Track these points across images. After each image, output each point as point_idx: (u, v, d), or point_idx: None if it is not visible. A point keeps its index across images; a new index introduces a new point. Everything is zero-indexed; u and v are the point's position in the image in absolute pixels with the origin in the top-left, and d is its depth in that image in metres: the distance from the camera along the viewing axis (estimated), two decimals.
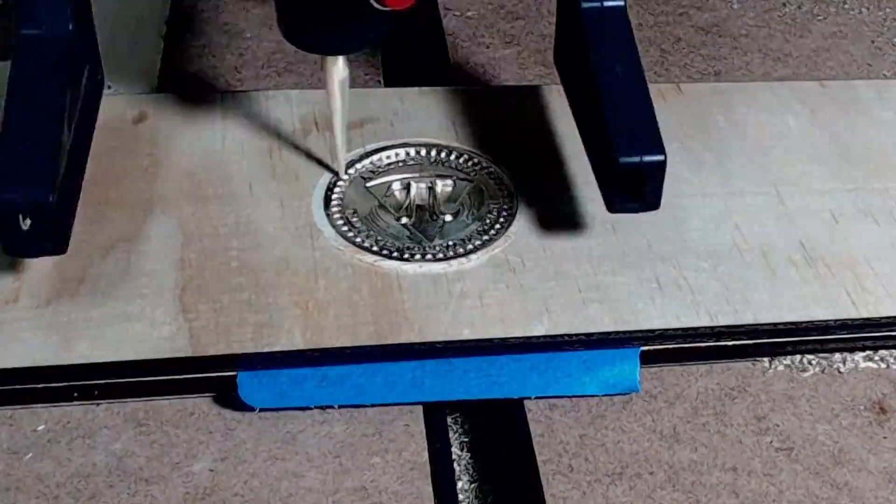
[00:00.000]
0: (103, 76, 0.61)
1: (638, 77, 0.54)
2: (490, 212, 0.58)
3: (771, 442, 0.50)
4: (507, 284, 0.54)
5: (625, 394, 0.51)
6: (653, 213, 0.59)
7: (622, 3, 0.56)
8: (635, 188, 0.53)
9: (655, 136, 0.52)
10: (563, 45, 0.61)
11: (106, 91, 0.62)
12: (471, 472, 0.50)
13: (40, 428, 0.49)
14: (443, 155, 0.62)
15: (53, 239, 0.50)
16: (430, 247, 0.56)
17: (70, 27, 0.54)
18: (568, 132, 0.63)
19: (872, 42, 0.77)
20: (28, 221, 0.48)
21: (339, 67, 0.55)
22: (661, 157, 0.52)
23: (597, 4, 0.56)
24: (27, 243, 0.49)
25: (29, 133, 0.50)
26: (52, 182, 0.49)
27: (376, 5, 0.49)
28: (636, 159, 0.52)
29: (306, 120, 0.64)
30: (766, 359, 0.54)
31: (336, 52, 0.55)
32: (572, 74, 0.60)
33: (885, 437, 0.50)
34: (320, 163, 0.61)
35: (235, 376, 0.50)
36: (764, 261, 0.56)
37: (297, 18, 0.54)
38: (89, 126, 0.58)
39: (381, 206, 0.58)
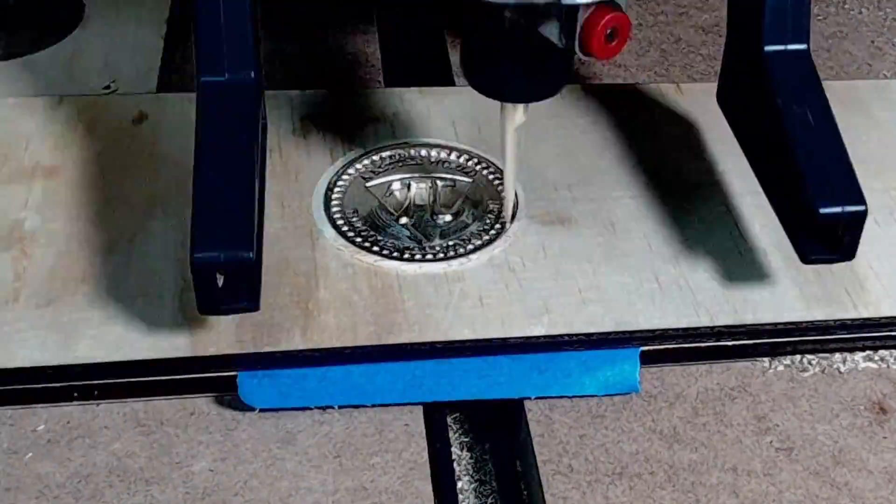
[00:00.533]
0: (267, 119, 0.57)
1: (830, 124, 0.52)
2: (490, 212, 0.58)
3: (771, 442, 0.50)
4: (507, 284, 0.54)
5: (625, 394, 0.51)
6: (653, 213, 0.59)
7: (805, 47, 0.54)
8: (832, 239, 0.51)
9: (854, 186, 0.50)
10: (736, 88, 0.58)
11: (106, 91, 0.62)
12: (471, 472, 0.50)
13: (40, 428, 0.49)
14: (443, 155, 0.62)
15: (248, 296, 0.48)
16: (430, 247, 0.56)
17: (253, 73, 0.51)
18: (568, 131, 0.63)
19: (872, 42, 0.77)
20: (222, 279, 0.46)
21: (518, 114, 0.53)
22: (862, 208, 0.50)
23: (781, 48, 0.53)
24: (222, 300, 0.47)
25: (227, 188, 0.48)
26: (252, 238, 0.47)
27: (581, 55, 0.46)
28: (837, 210, 0.50)
29: (306, 120, 0.64)
30: (766, 359, 0.54)
31: (524, 101, 0.52)
32: (748, 120, 0.57)
33: (885, 437, 0.50)
34: (320, 163, 0.61)
35: (235, 376, 0.50)
36: (764, 261, 0.56)
37: (486, 65, 0.51)
38: (264, 174, 0.54)
39: (381, 206, 0.58)
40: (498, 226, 0.57)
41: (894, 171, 0.63)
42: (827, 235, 0.51)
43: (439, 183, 0.60)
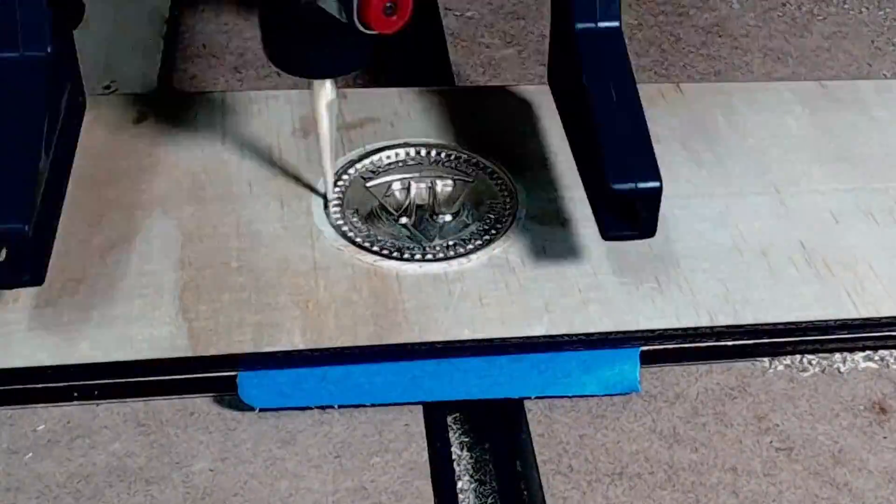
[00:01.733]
0: (85, 97, 0.58)
1: (632, 101, 0.53)
2: (490, 212, 0.58)
3: (771, 442, 0.50)
4: (507, 284, 0.54)
5: (625, 394, 0.51)
6: None
7: (617, 25, 0.54)
8: (630, 215, 0.51)
9: (651, 162, 0.51)
10: (557, 65, 0.59)
11: (106, 91, 0.62)
12: (471, 472, 0.50)
13: (40, 428, 0.49)
14: (443, 155, 0.62)
15: (31, 270, 0.48)
16: (430, 247, 0.56)
17: (48, 49, 0.52)
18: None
19: (872, 42, 0.77)
20: (3, 252, 0.47)
21: (326, 90, 0.54)
22: (656, 184, 0.50)
23: (591, 25, 0.54)
24: (3, 274, 0.47)
25: (4, 162, 0.49)
26: (29, 212, 0.47)
27: (362, 29, 0.47)
28: (630, 185, 0.50)
29: (306, 120, 0.64)
30: (766, 359, 0.54)
31: (323, 76, 0.54)
32: (566, 96, 0.58)
33: (885, 437, 0.50)
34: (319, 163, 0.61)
35: (235, 376, 0.50)
36: (764, 261, 0.56)
37: (283, 43, 0.53)
38: (70, 149, 0.56)
39: (381, 206, 0.58)
40: (499, 225, 0.57)
41: (894, 171, 0.63)
42: (625, 212, 0.51)
43: (439, 183, 0.60)
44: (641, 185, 0.50)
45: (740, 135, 0.65)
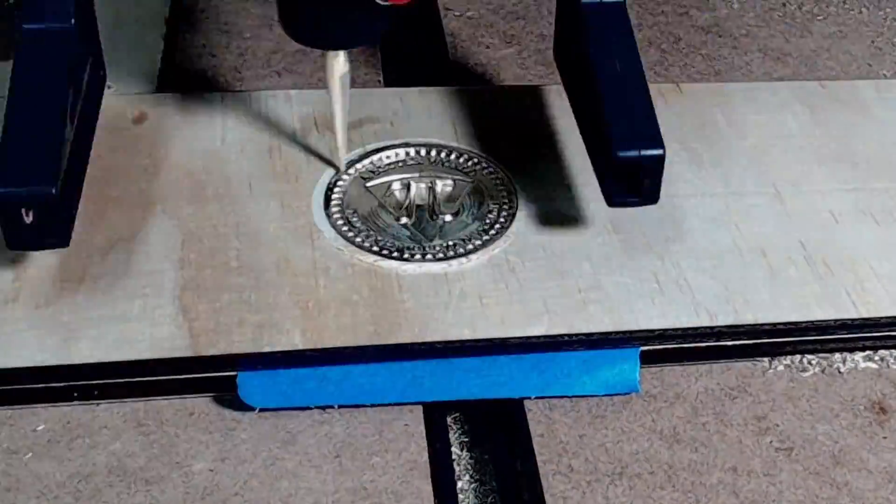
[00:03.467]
0: (105, 71, 0.61)
1: (637, 72, 0.55)
2: (490, 212, 0.58)
3: (771, 442, 0.50)
4: (507, 284, 0.54)
5: (625, 394, 0.51)
6: (653, 212, 0.59)
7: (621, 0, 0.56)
8: (634, 182, 0.53)
9: (654, 130, 0.53)
10: (563, 40, 0.61)
11: (106, 91, 0.62)
12: (471, 472, 0.50)
13: (40, 428, 0.49)
14: (443, 155, 0.62)
15: (57, 232, 0.50)
16: (430, 247, 0.56)
17: (72, 21, 0.54)
18: (568, 132, 0.63)
19: (872, 42, 0.77)
20: (31, 215, 0.48)
21: (339, 62, 0.56)
22: (659, 151, 0.52)
23: (597, 1, 0.56)
24: (30, 237, 0.49)
25: (31, 128, 0.50)
26: (55, 175, 0.49)
27: (379, 1, 0.49)
28: (634, 153, 0.52)
29: (306, 120, 0.64)
30: (766, 359, 0.54)
31: (337, 47, 0.55)
32: (571, 70, 0.60)
33: (885, 437, 0.50)
34: (320, 162, 0.61)
35: (235, 376, 0.50)
36: (764, 261, 0.56)
37: (298, 13, 0.54)
38: (91, 120, 0.58)
39: (381, 206, 0.58)
40: (498, 225, 0.57)
41: (894, 171, 0.63)
42: (629, 179, 0.53)
43: (439, 183, 0.60)
44: (645, 152, 0.52)
45: (740, 135, 0.65)
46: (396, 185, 0.60)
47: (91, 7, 0.58)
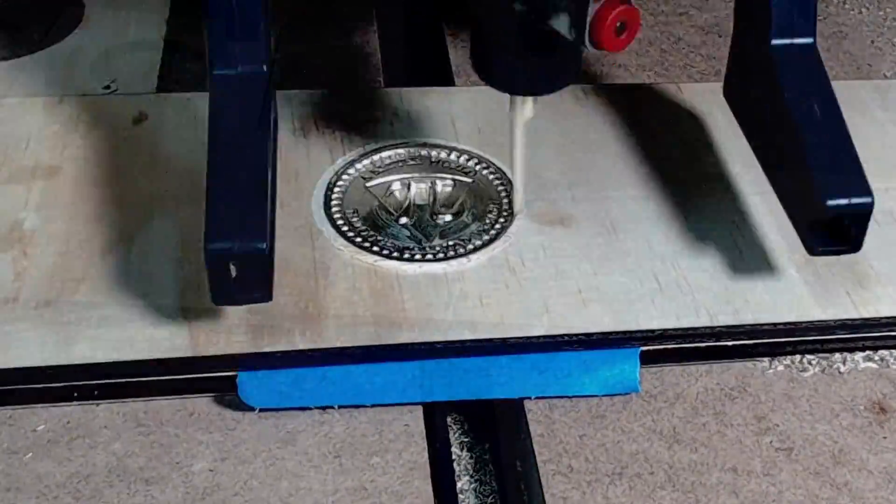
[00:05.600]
0: (277, 112, 0.58)
1: (836, 116, 0.52)
2: (490, 212, 0.58)
3: (771, 442, 0.50)
4: (507, 284, 0.54)
5: (625, 394, 0.51)
6: (653, 213, 0.59)
7: (812, 41, 0.54)
8: (839, 230, 0.51)
9: (861, 178, 0.51)
10: (741, 81, 0.58)
11: (106, 91, 0.62)
12: (471, 472, 0.50)
13: (40, 428, 0.49)
14: (443, 155, 0.62)
15: (262, 287, 0.48)
16: (430, 247, 0.56)
17: (264, 67, 0.52)
18: (568, 131, 0.63)
19: (872, 42, 0.77)
20: (234, 270, 0.46)
21: (528, 108, 0.53)
22: (868, 200, 0.51)
23: (787, 42, 0.54)
24: (237, 291, 0.47)
25: (236, 178, 0.48)
26: (265, 230, 0.47)
27: (591, 49, 0.46)
28: (844, 202, 0.50)
29: (306, 120, 0.64)
30: (765, 359, 0.54)
31: (534, 94, 0.53)
32: (753, 112, 0.57)
33: (885, 437, 0.50)
34: (320, 162, 0.61)
35: (235, 376, 0.50)
36: (764, 261, 0.56)
37: (496, 57, 0.52)
38: (276, 165, 0.55)
39: (381, 206, 0.58)
40: (498, 225, 0.57)
41: (894, 171, 0.63)
42: (834, 228, 0.51)
43: (439, 183, 0.60)
44: (855, 200, 0.50)
45: (741, 134, 0.64)
46: (396, 185, 0.60)
47: (271, 46, 0.55)
